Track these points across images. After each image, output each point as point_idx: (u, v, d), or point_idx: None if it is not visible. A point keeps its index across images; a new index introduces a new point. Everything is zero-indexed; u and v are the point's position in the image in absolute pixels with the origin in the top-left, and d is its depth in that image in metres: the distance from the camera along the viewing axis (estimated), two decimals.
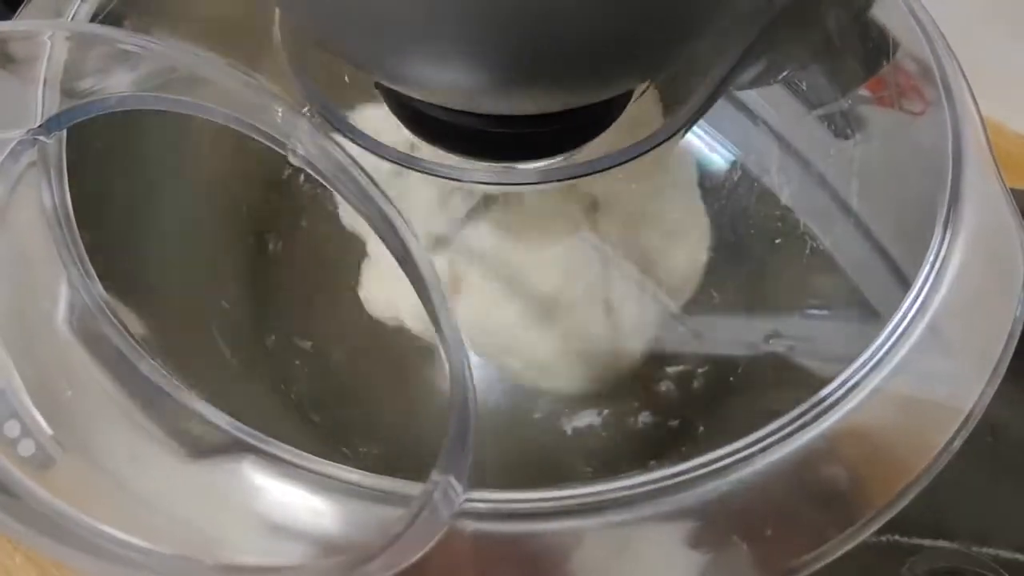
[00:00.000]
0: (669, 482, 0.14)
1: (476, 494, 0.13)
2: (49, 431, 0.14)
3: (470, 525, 0.13)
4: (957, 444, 0.16)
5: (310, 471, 0.14)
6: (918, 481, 0.15)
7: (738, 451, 0.15)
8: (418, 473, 0.13)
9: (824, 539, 0.15)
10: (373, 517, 0.14)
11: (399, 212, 0.13)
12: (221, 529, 0.14)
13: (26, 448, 0.15)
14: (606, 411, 0.24)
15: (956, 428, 0.16)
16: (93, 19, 0.19)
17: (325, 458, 0.14)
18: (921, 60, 0.21)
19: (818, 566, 0.15)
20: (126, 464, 0.14)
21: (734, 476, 0.15)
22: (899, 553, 0.25)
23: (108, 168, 0.19)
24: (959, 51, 0.21)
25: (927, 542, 0.26)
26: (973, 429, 0.16)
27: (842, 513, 0.15)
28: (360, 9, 0.13)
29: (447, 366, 0.13)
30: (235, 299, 0.25)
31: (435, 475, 0.12)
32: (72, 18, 0.19)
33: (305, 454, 0.14)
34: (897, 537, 0.25)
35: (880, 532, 0.15)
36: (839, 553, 0.15)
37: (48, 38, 0.17)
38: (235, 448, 0.14)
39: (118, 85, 0.16)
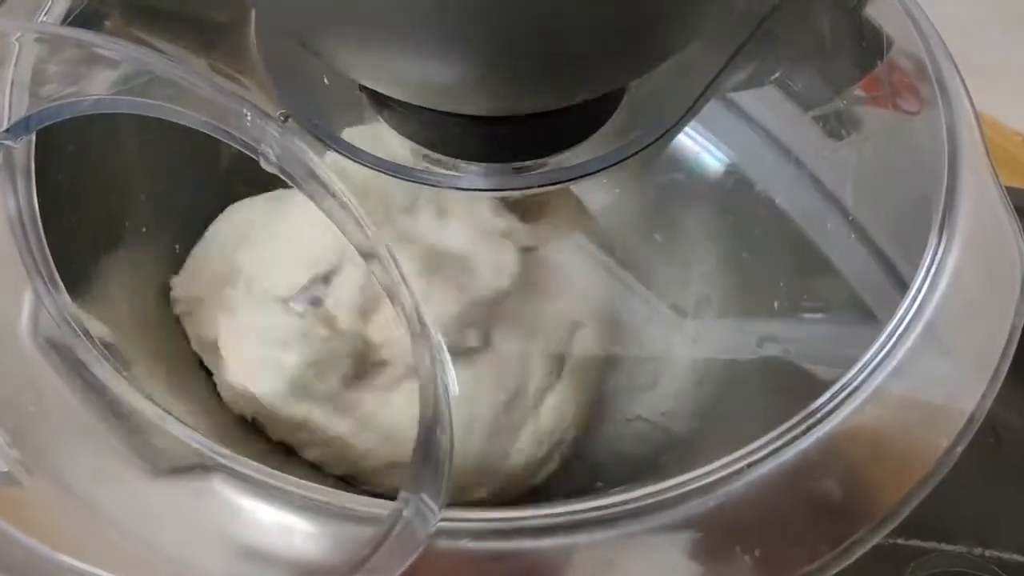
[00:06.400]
0: (663, 496, 0.14)
1: (456, 512, 0.13)
2: (11, 448, 0.14)
3: (451, 544, 0.13)
4: (960, 448, 0.15)
5: (283, 490, 0.13)
6: (922, 486, 0.15)
7: (734, 462, 0.15)
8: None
9: (826, 549, 0.14)
10: (351, 539, 0.13)
11: (368, 218, 0.13)
12: (189, 551, 0.13)
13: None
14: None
15: (958, 431, 0.15)
16: (66, 18, 0.19)
17: (306, 477, 0.14)
18: (916, 58, 0.20)
19: None
20: (90, 482, 0.14)
21: (731, 488, 0.14)
22: (901, 557, 0.25)
23: (75, 171, 0.19)
24: (954, 48, 0.20)
25: (930, 545, 0.25)
26: (976, 431, 0.15)
27: (844, 522, 0.15)
28: (337, 7, 0.13)
29: (420, 377, 0.12)
30: None
31: (404, 492, 0.12)
32: (45, 16, 0.19)
33: (276, 472, 0.13)
34: (900, 541, 0.25)
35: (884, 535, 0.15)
36: (845, 563, 0.14)
37: (16, 39, 0.16)
38: (203, 467, 0.13)
39: (89, 88, 0.15)
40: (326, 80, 0.19)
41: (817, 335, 0.22)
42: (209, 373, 0.21)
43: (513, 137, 0.18)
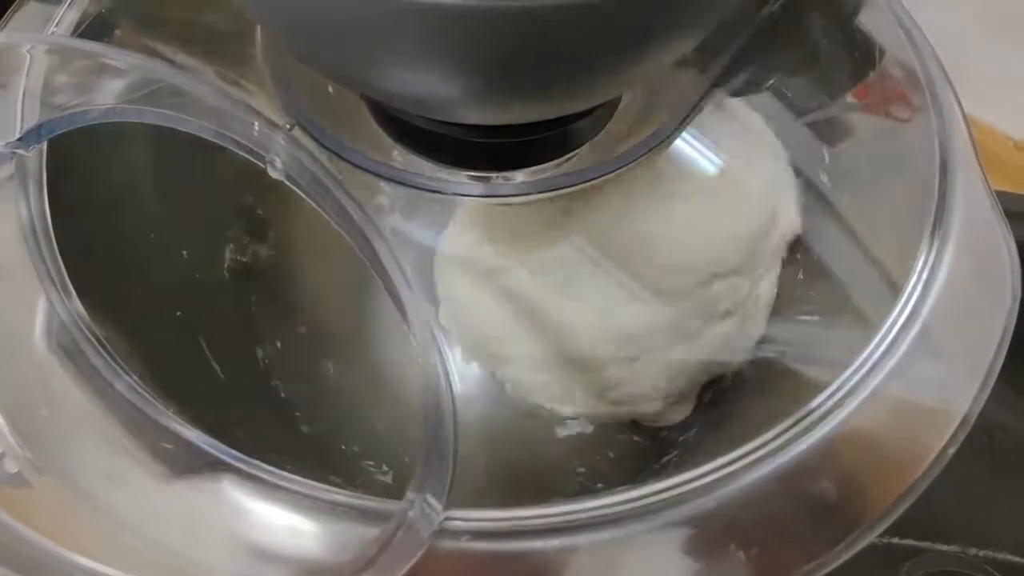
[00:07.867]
0: (660, 497, 0.14)
1: (459, 512, 0.13)
2: (23, 450, 0.14)
3: (454, 544, 0.13)
4: (952, 449, 0.16)
5: (291, 491, 0.14)
6: (915, 487, 0.15)
7: (731, 463, 0.15)
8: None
9: (822, 549, 0.15)
10: (357, 538, 0.13)
11: (375, 224, 0.13)
12: (199, 552, 0.13)
13: (10, 466, 0.14)
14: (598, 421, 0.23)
15: (951, 433, 0.16)
16: (78, 27, 0.19)
17: (315, 477, 0.14)
18: (908, 67, 0.21)
19: None
20: (102, 484, 0.14)
21: (728, 489, 0.14)
22: (896, 556, 0.25)
23: (86, 179, 0.19)
24: (945, 55, 0.21)
25: (925, 544, 0.25)
26: (970, 432, 0.16)
27: (839, 523, 0.15)
28: (337, 27, 0.13)
29: (424, 378, 0.12)
30: (225, 311, 0.24)
31: (410, 493, 0.12)
32: (56, 26, 0.19)
33: (285, 474, 0.14)
34: (895, 540, 0.25)
35: (877, 535, 0.15)
36: (838, 563, 0.15)
37: (28, 51, 0.16)
38: (214, 467, 0.14)
39: (98, 97, 0.16)
40: (330, 89, 0.19)
41: (812, 338, 0.22)
42: (228, 371, 0.21)
43: (511, 146, 0.18)
